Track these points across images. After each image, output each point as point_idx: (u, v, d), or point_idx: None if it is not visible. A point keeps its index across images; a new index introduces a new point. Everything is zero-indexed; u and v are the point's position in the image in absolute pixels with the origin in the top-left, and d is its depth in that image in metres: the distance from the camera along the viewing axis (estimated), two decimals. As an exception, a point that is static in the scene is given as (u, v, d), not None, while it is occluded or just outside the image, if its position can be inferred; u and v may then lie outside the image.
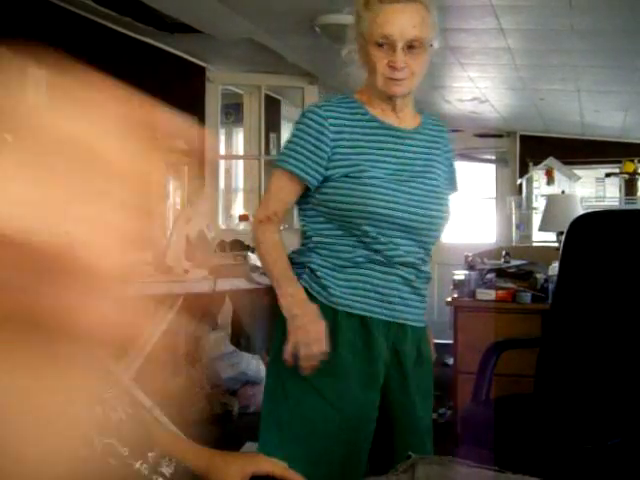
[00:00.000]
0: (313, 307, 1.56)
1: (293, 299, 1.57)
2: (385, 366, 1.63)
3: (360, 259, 1.59)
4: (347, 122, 1.63)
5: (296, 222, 6.34)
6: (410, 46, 1.52)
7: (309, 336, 1.52)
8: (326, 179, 1.62)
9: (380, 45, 1.53)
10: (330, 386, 1.58)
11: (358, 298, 1.59)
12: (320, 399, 1.58)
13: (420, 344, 1.69)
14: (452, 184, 1.79)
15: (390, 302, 1.61)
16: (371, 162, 1.60)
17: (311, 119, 1.63)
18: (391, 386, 1.65)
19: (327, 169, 1.61)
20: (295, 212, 1.94)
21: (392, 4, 1.51)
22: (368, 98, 1.66)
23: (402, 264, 1.61)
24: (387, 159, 1.62)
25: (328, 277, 1.60)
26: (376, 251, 1.59)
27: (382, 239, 1.58)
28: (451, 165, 1.78)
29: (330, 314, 1.59)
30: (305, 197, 1.67)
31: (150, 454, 0.96)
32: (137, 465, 0.92)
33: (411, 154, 1.65)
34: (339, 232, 1.62)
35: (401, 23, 1.50)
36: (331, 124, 1.61)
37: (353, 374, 1.59)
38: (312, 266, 1.62)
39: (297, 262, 1.66)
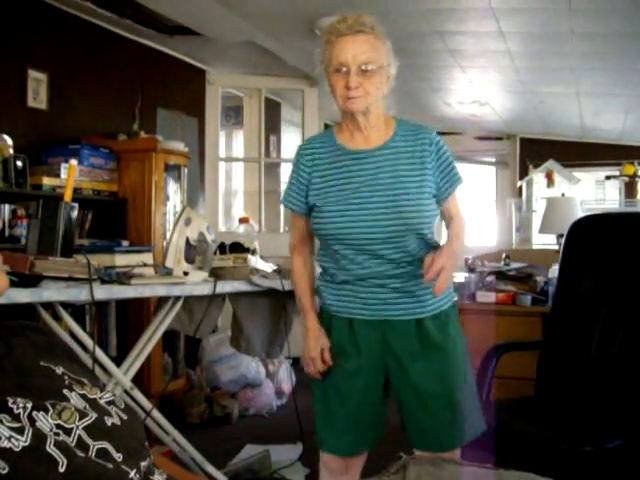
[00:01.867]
0: (321, 338, 1.96)
1: (308, 331, 2.01)
2: (376, 356, 1.90)
3: (343, 278, 1.91)
4: (319, 154, 1.92)
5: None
6: (363, 70, 1.79)
7: (307, 359, 1.98)
8: (310, 208, 1.92)
9: (338, 71, 1.80)
10: (327, 372, 1.96)
11: (344, 304, 1.93)
12: (321, 380, 1.98)
13: (426, 333, 1.89)
14: (447, 181, 1.90)
15: (369, 304, 1.90)
16: (334, 188, 1.87)
17: (296, 155, 1.96)
18: (390, 373, 1.92)
19: (307, 198, 1.92)
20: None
21: (345, 36, 1.80)
22: (340, 127, 1.95)
23: (374, 277, 1.87)
24: (349, 181, 1.86)
25: (325, 290, 1.98)
26: (350, 270, 1.88)
27: (351, 258, 1.87)
28: (442, 163, 1.89)
29: (327, 317, 1.99)
30: None
31: (142, 463, 0.96)
32: (131, 474, 0.92)
33: (371, 172, 1.86)
34: (326, 257, 1.94)
35: (353, 50, 1.79)
36: (307, 159, 1.93)
37: (346, 363, 1.93)
38: (317, 283, 2.03)
39: (319, 276, 2.03)
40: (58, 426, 0.88)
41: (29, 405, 0.87)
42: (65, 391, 0.96)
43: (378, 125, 1.90)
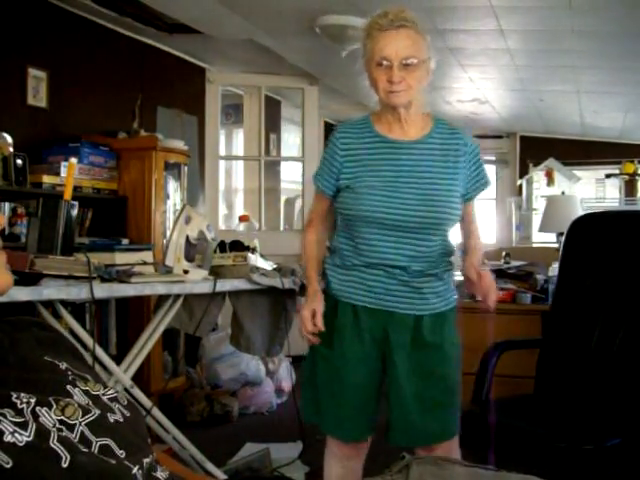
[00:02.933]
0: (316, 302, 1.97)
1: (308, 295, 2.03)
2: (376, 343, 1.96)
3: (355, 262, 1.96)
4: (355, 140, 1.96)
5: (296, 224, 6.34)
6: (405, 64, 1.83)
7: (303, 319, 1.99)
8: (338, 190, 1.97)
9: (380, 65, 1.84)
10: (331, 358, 1.99)
11: (350, 290, 1.98)
12: (326, 364, 2.01)
13: (421, 330, 1.94)
14: (476, 183, 2.00)
15: (375, 293, 1.94)
16: (370, 172, 1.92)
17: (331, 139, 2.01)
18: (386, 362, 1.98)
19: (338, 181, 1.97)
20: (297, 216, 2.36)
21: (388, 31, 1.84)
22: (379, 117, 1.98)
23: (387, 266, 1.92)
24: (385, 169, 1.91)
25: (331, 274, 2.02)
26: (366, 255, 1.93)
27: (372, 243, 1.92)
28: (473, 165, 1.98)
29: (332, 301, 2.01)
30: None
31: (145, 459, 0.96)
32: (134, 470, 0.92)
33: (410, 162, 1.91)
34: (344, 239, 1.98)
35: (396, 45, 1.82)
36: (342, 143, 1.97)
37: (348, 349, 1.97)
38: (325, 265, 2.06)
39: (327, 259, 2.08)
40: (61, 422, 0.89)
41: (33, 400, 0.87)
42: (69, 387, 0.96)
43: (417, 119, 1.95)
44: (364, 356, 1.96)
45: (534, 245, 6.68)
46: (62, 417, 0.89)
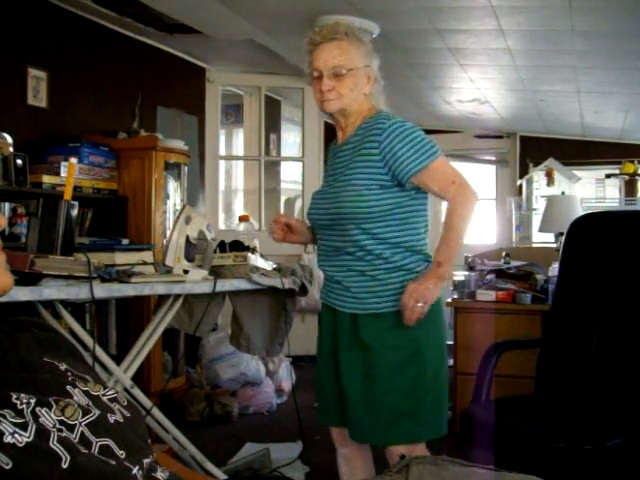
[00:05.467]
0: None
1: None
2: (331, 338, 2.07)
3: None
4: (331, 151, 2.15)
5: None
6: (335, 74, 1.94)
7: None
8: None
9: (314, 77, 1.98)
10: (318, 340, 2.17)
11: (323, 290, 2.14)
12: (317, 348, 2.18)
13: (358, 329, 1.98)
14: (403, 164, 1.89)
15: (325, 290, 2.11)
16: (323, 180, 2.13)
17: None
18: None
19: None
20: (297, 215, 2.54)
21: (320, 44, 1.97)
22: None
23: (326, 266, 2.06)
24: (328, 173, 2.09)
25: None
26: (318, 257, 2.11)
27: (317, 244, 2.11)
28: (392, 149, 1.89)
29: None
30: None
31: (145, 460, 0.96)
32: (134, 471, 0.92)
33: (338, 165, 2.04)
34: None
35: (325, 56, 1.95)
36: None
37: (319, 342, 2.16)
38: None
39: None
40: (61, 422, 0.89)
41: (32, 401, 0.87)
42: (68, 387, 0.96)
43: (357, 122, 2.02)
44: (323, 349, 2.12)
45: (534, 245, 6.67)
46: (62, 417, 0.89)
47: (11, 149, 3.17)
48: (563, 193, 6.01)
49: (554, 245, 4.31)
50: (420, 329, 1.93)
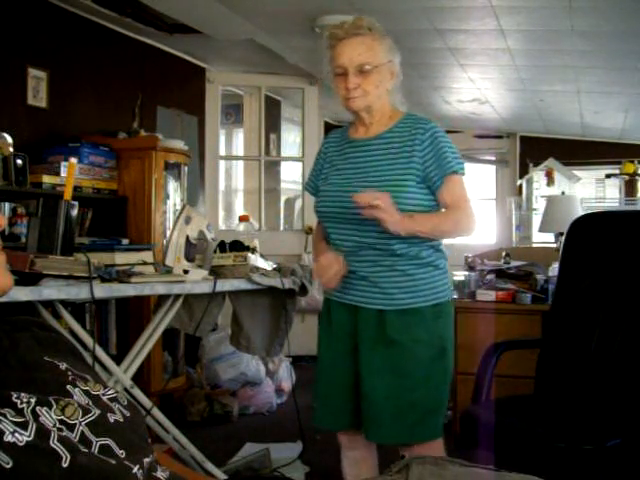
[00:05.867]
0: (335, 257, 2.00)
1: (316, 254, 2.14)
2: (348, 337, 2.02)
3: None
4: (333, 144, 2.11)
5: (296, 224, 6.34)
6: (361, 71, 1.91)
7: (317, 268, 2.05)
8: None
9: (338, 74, 1.94)
10: (322, 341, 2.13)
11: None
12: (321, 349, 2.13)
13: (385, 326, 1.95)
14: (437, 170, 1.94)
15: (343, 287, 2.02)
16: (335, 171, 2.05)
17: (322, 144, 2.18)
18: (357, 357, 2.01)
19: (317, 182, 2.12)
20: (297, 215, 2.49)
21: (343, 40, 1.93)
22: (353, 122, 2.08)
23: (349, 261, 1.98)
24: (346, 166, 2.02)
25: None
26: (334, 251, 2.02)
27: (336, 238, 2.02)
28: (434, 152, 1.94)
29: (324, 300, 2.15)
30: None
31: (146, 459, 0.96)
32: (134, 470, 0.92)
33: (366, 158, 1.99)
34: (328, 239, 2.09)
35: (349, 53, 1.91)
36: (325, 148, 2.13)
37: (324, 343, 2.11)
38: None
39: None
40: (61, 422, 0.89)
41: (33, 400, 0.87)
42: (69, 387, 0.96)
43: (382, 120, 2.01)
44: (336, 348, 2.04)
45: (534, 245, 6.68)
46: (62, 417, 0.89)
47: (11, 149, 3.17)
48: (563, 193, 6.02)
49: (554, 245, 4.31)
50: (445, 326, 2.00)
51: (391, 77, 1.97)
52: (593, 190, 7.18)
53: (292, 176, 6.47)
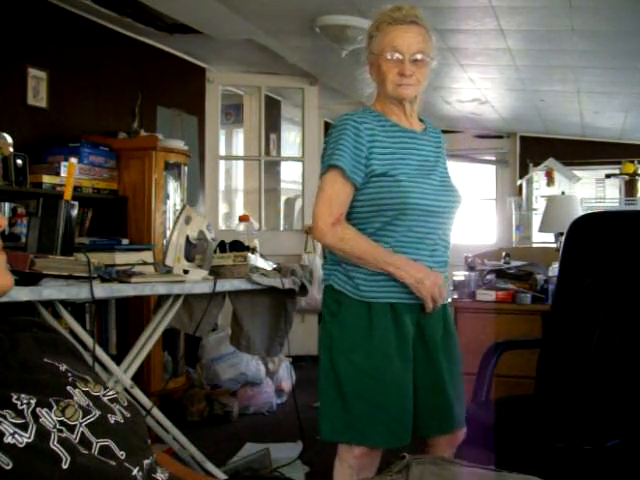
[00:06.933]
0: (417, 264, 1.86)
1: (403, 263, 1.84)
2: (412, 341, 1.89)
3: None
4: (376, 127, 1.88)
5: (296, 224, 6.34)
6: (415, 59, 1.85)
7: (422, 275, 1.84)
8: (368, 178, 1.86)
9: (390, 58, 1.84)
10: (370, 364, 1.83)
11: (382, 288, 1.85)
12: (363, 376, 1.84)
13: (446, 318, 1.97)
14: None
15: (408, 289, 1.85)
16: (400, 160, 1.87)
17: (348, 124, 1.86)
18: (416, 356, 1.89)
19: (366, 167, 1.85)
20: (297, 216, 2.34)
21: (401, 25, 1.85)
22: (383, 108, 1.94)
23: (423, 258, 1.86)
24: (410, 157, 1.90)
25: (359, 275, 1.86)
26: (403, 247, 1.84)
27: (417, 229, 1.85)
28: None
29: (365, 307, 1.85)
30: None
31: (145, 461, 0.96)
32: (134, 472, 0.92)
33: (425, 152, 1.95)
34: (381, 233, 1.86)
35: (408, 39, 1.85)
36: (365, 128, 1.86)
37: (390, 350, 1.84)
38: (346, 266, 1.88)
39: (332, 261, 1.93)
40: (62, 423, 0.89)
41: (33, 401, 0.87)
42: (69, 388, 0.96)
43: (416, 113, 2.00)
44: (406, 355, 1.86)
45: (534, 245, 6.68)
46: (62, 418, 0.89)
47: (11, 149, 3.17)
48: (563, 193, 6.01)
49: (554, 245, 4.31)
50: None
51: (429, 74, 1.94)
52: (593, 190, 7.18)
53: (292, 176, 6.47)
